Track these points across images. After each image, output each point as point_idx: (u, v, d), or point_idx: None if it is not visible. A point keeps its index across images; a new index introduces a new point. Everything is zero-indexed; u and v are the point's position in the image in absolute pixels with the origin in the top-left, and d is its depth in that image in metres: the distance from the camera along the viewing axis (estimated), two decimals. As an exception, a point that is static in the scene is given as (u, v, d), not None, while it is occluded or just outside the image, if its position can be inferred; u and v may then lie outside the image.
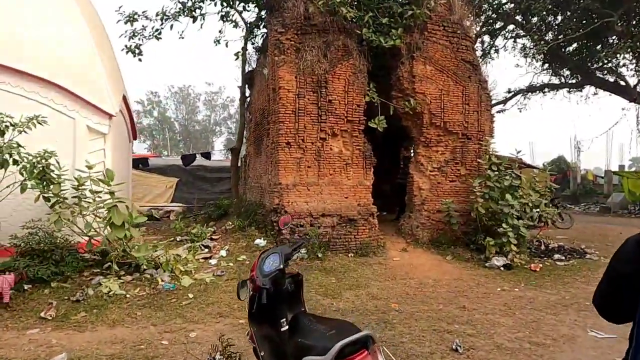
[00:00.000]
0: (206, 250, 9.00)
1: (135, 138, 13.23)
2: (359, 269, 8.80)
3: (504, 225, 9.44)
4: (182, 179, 17.17)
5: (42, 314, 5.67)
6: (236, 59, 13.70)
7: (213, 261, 8.37)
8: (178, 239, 9.97)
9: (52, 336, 5.22)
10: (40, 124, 6.98)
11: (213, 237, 9.75)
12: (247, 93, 14.26)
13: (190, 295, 6.72)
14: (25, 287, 6.29)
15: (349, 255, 9.55)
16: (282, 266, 3.75)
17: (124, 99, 10.87)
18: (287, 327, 3.67)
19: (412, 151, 13.20)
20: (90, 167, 6.86)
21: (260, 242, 9.39)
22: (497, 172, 10.11)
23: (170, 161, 18.57)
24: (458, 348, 5.03)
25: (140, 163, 16.46)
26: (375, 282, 8.07)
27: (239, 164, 14.83)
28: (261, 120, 11.53)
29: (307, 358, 2.85)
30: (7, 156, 6.13)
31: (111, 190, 6.76)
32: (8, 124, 6.74)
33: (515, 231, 9.59)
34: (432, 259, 9.78)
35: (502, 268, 9.22)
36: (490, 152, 10.54)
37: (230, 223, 10.39)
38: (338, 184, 9.93)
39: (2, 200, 7.34)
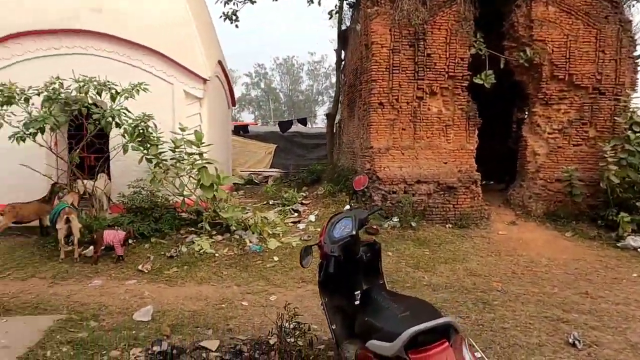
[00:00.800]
0: (296, 214, 8.92)
1: (234, 104, 13.62)
2: (457, 242, 7.95)
3: (645, 198, 7.70)
4: (281, 145, 17.49)
5: (139, 267, 6.04)
6: (330, 18, 13.14)
7: (301, 225, 8.24)
8: (271, 203, 10.07)
9: (146, 288, 5.51)
10: (144, 90, 7.32)
11: (304, 201, 9.64)
12: (343, 55, 13.69)
13: (276, 258, 6.65)
14: (130, 242, 6.78)
15: (447, 226, 8.70)
16: (354, 232, 3.26)
17: (221, 65, 11.10)
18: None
19: (526, 111, 11.47)
20: (183, 130, 7.03)
21: (346, 207, 8.99)
22: (639, 134, 8.23)
23: (269, 128, 19.04)
24: (576, 342, 4.11)
25: (241, 130, 17.10)
26: (475, 257, 7.19)
27: (334, 130, 14.49)
28: (354, 82, 10.92)
29: (371, 342, 2.38)
30: (109, 119, 6.51)
31: (200, 151, 6.87)
32: (114, 91, 7.17)
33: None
34: (547, 235, 8.46)
35: (639, 250, 7.59)
36: (632, 110, 8.58)
37: (322, 188, 10.17)
38: (436, 147, 9.01)
39: (113, 161, 8.00)
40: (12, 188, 7.77)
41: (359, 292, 3.30)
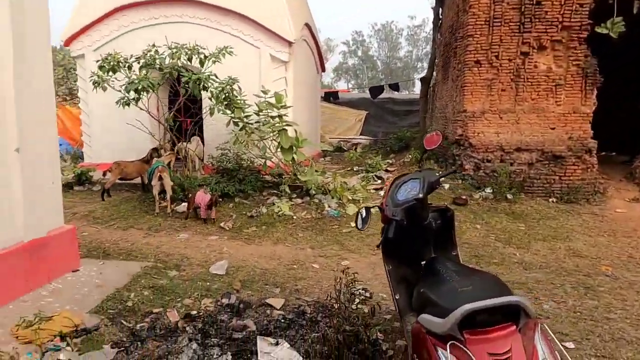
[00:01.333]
0: (379, 181, 8.60)
1: (323, 70, 13.45)
2: (561, 218, 6.99)
3: None
4: (371, 112, 17.01)
5: (222, 224, 6.33)
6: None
7: (383, 192, 7.91)
8: (355, 169, 9.86)
9: (225, 244, 5.75)
10: (229, 54, 7.49)
11: (388, 169, 9.25)
12: (440, 13, 12.60)
13: (352, 224, 6.47)
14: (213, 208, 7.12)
15: (550, 200, 7.69)
16: (420, 195, 2.90)
17: (309, 28, 10.93)
18: None
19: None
20: (265, 92, 7.06)
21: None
22: None
23: (360, 95, 18.59)
24: None
25: (331, 96, 16.94)
26: (581, 236, 6.25)
27: (428, 95, 13.63)
28: (449, 40, 9.98)
29: (423, 317, 2.08)
30: (197, 83, 6.78)
31: (280, 113, 6.86)
32: (203, 55, 7.43)
33: None
34: (682, 215, 7.03)
35: None
36: None
37: (409, 156, 9.65)
38: (542, 111, 7.90)
39: (205, 125, 8.42)
40: (121, 150, 8.66)
41: (425, 261, 2.99)
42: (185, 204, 6.98)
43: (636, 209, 7.34)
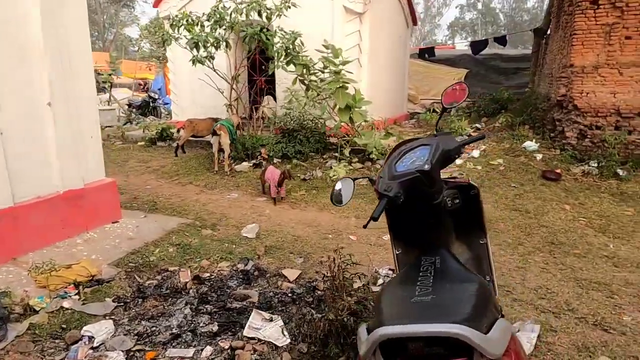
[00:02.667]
0: (458, 148, 7.60)
1: (415, 23, 12.22)
2: (692, 204, 5.41)
3: None
4: (473, 70, 15.19)
5: (272, 186, 6.17)
6: None
7: (459, 161, 6.97)
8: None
9: (269, 207, 5.59)
10: (294, 5, 7.05)
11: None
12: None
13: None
14: (275, 161, 6.98)
15: (683, 179, 6.02)
16: (426, 167, 2.25)
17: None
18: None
19: None
20: (327, 47, 6.53)
21: (531, 144, 7.13)
22: None
23: (461, 51, 16.67)
24: None
25: (426, 53, 15.51)
26: None
27: (540, 49, 11.61)
28: (565, -23, 8.15)
29: (361, 327, 1.56)
30: (263, 38, 6.51)
31: (338, 69, 6.28)
32: (264, 9, 7.10)
33: None
34: None
35: None
36: None
37: (503, 120, 8.34)
38: (682, 64, 6.07)
39: (278, 84, 8.22)
40: (205, 108, 8.90)
41: (440, 249, 2.39)
42: (245, 163, 6.98)
43: None
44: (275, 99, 8.97)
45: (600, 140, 6.45)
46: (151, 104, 16.32)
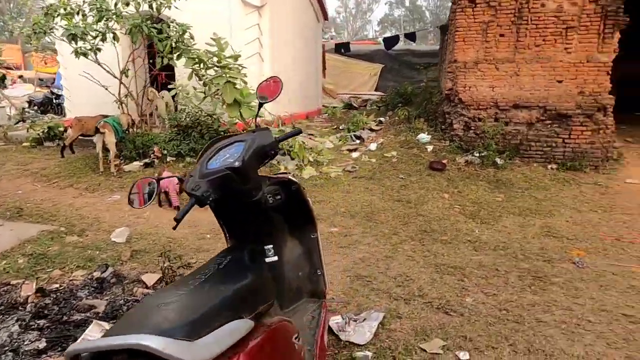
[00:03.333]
0: (357, 141, 7.77)
1: (325, 18, 12.33)
2: (554, 188, 5.93)
3: None
4: (388, 65, 15.68)
5: (158, 186, 5.87)
6: None
7: (356, 154, 7.12)
8: (341, 127, 9.01)
9: (150, 209, 5.30)
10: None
11: (374, 127, 8.34)
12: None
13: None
14: (169, 159, 6.67)
15: (549, 166, 6.58)
16: (237, 164, 2.19)
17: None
18: (275, 257, 2.30)
19: None
20: (216, 40, 6.32)
21: (424, 137, 7.46)
22: None
23: (377, 47, 17.15)
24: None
25: (342, 48, 15.75)
26: (569, 211, 5.23)
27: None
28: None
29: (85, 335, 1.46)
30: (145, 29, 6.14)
31: (224, 64, 6.11)
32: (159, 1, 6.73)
33: None
34: None
35: None
36: None
37: (401, 113, 8.65)
38: (548, 60, 6.61)
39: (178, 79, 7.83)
40: (99, 105, 8.27)
41: (270, 245, 2.33)
42: (136, 163, 6.60)
43: (652, 180, 6.09)
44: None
45: (482, 131, 6.87)
46: (54, 101, 15.04)
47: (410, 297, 3.33)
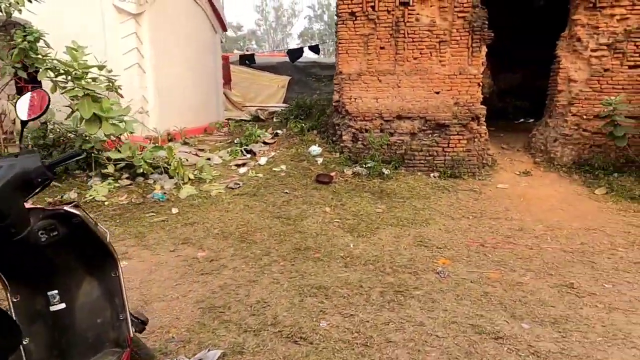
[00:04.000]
0: (248, 155, 7.47)
1: (224, 29, 11.99)
2: (434, 196, 6.08)
3: None
4: (296, 77, 15.67)
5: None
6: None
7: (243, 169, 6.81)
8: (235, 141, 8.66)
9: None
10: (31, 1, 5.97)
11: (267, 141, 8.10)
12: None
13: (174, 210, 5.36)
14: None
15: (432, 175, 6.78)
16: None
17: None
18: (61, 305, 1.87)
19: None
20: (76, 49, 5.67)
21: (315, 149, 7.36)
22: None
23: (284, 59, 17.13)
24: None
25: (247, 59, 15.49)
26: (443, 219, 5.35)
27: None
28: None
29: None
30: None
31: (80, 75, 5.50)
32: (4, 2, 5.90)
33: None
34: (567, 191, 6.24)
35: (701, 218, 5.22)
36: None
37: (293, 125, 8.51)
38: (425, 72, 6.86)
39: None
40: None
41: (54, 291, 1.89)
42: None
43: (521, 183, 6.51)
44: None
45: (369, 142, 6.92)
46: None
47: (261, 327, 3.05)
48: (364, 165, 6.70)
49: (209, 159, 7.10)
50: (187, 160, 6.37)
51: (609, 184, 6.30)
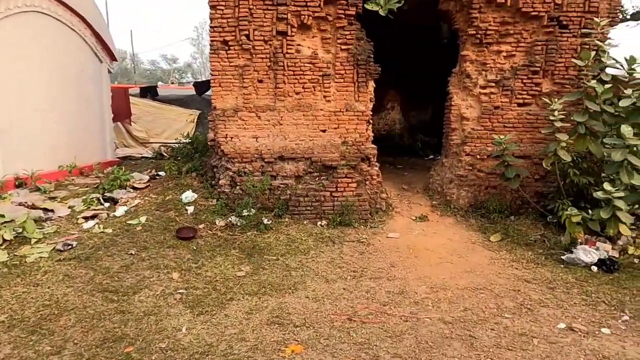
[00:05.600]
0: (107, 204, 6.24)
1: (113, 59, 10.78)
2: (315, 251, 5.22)
3: (605, 186, 4.79)
4: (205, 111, 14.60)
5: None
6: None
7: (90, 224, 5.57)
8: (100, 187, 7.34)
9: None
10: None
11: (136, 185, 6.92)
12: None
13: (-43, 287, 4.02)
14: None
15: (319, 223, 5.96)
16: None
17: (65, 6, 8.32)
18: None
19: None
20: None
21: (188, 196, 6.30)
22: (611, 87, 5.25)
23: (192, 92, 16.09)
24: None
25: (148, 92, 14.27)
26: (316, 282, 4.47)
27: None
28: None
29: None
30: None
31: None
32: None
33: (633, 199, 4.90)
34: (462, 239, 5.66)
35: (594, 268, 4.78)
36: (601, 47, 5.52)
37: (167, 167, 7.40)
38: (309, 108, 6.15)
39: None
40: None
41: None
42: None
43: (414, 231, 5.86)
44: None
45: (251, 186, 5.99)
46: None
47: None
48: (242, 214, 5.73)
49: (51, 210, 5.78)
50: (3, 215, 5.04)
51: (505, 228, 5.82)
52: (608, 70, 5.55)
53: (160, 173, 7.83)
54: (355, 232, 5.79)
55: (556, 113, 5.29)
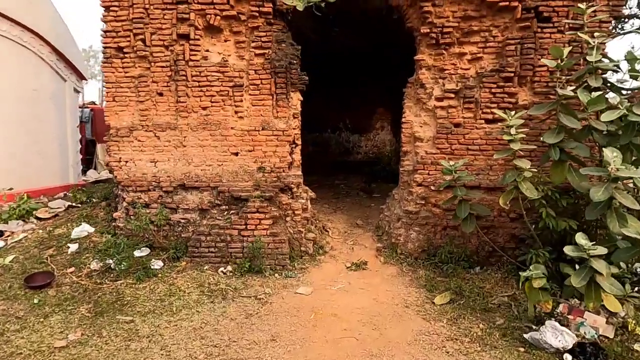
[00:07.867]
0: (-7, 238, 5.37)
1: (82, 78, 10.30)
2: (191, 309, 4.00)
3: (578, 238, 3.24)
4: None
5: None
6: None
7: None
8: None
9: None
10: None
11: (40, 215, 6.04)
12: None
13: None
14: None
15: (222, 269, 4.74)
16: None
17: (16, 22, 7.86)
18: None
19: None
20: None
21: (82, 230, 5.31)
22: (601, 95, 3.75)
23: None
24: None
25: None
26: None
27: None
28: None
29: None
30: None
31: None
32: None
33: (625, 257, 3.32)
34: (394, 300, 4.22)
35: (568, 356, 3.22)
36: (587, 41, 4.03)
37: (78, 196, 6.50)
38: (218, 126, 5.03)
39: None
40: None
41: None
42: None
43: (336, 285, 4.48)
44: None
45: (146, 221, 4.91)
46: None
47: None
48: (117, 257, 4.63)
49: None
50: None
51: (460, 286, 4.32)
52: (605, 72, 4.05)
53: (93, 199, 6.95)
54: (261, 283, 4.51)
55: (513, 131, 3.83)
